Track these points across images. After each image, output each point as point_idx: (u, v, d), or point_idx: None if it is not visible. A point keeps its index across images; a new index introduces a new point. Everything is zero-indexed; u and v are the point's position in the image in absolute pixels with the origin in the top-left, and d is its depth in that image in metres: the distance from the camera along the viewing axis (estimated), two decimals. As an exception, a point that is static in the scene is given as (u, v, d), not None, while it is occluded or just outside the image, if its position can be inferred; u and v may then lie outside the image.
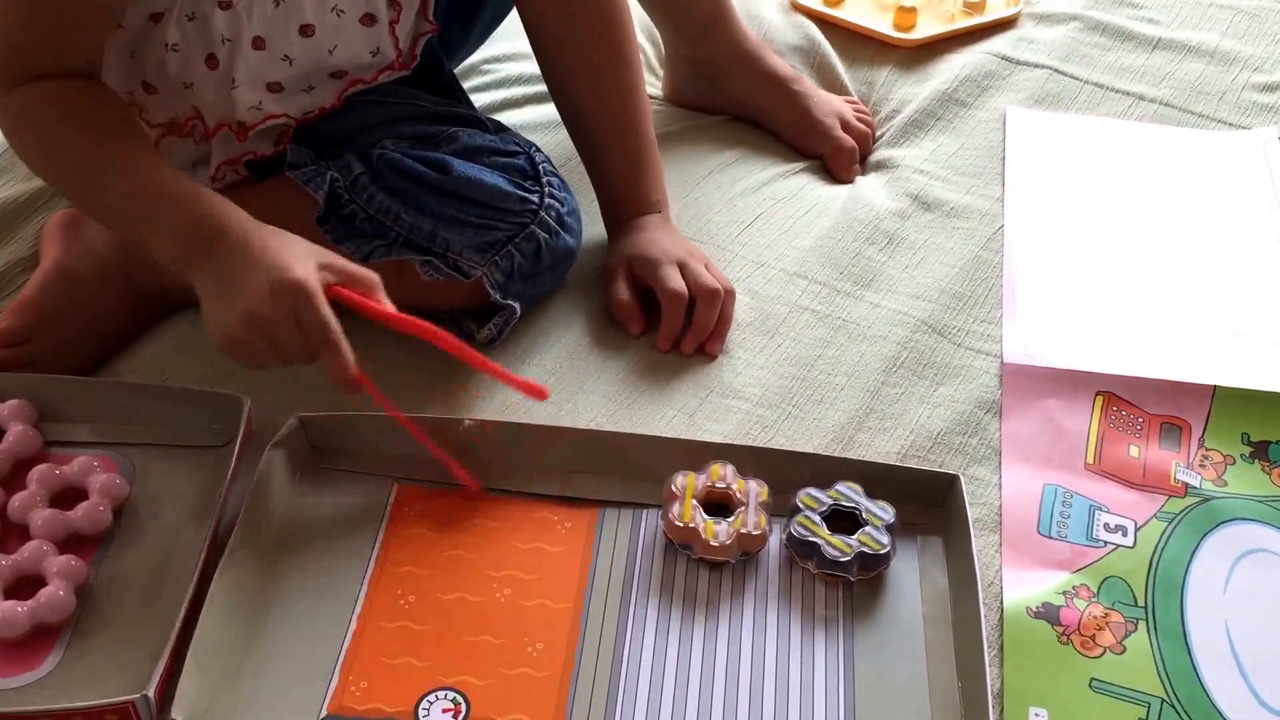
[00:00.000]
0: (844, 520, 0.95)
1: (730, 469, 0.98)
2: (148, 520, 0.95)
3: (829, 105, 1.36)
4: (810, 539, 0.94)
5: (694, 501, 0.95)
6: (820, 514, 0.95)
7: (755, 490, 0.97)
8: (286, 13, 1.04)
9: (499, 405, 1.06)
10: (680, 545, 0.95)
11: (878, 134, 1.40)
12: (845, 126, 1.35)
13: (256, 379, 1.04)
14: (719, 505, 0.96)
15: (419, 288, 1.06)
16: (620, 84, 1.16)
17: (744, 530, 0.94)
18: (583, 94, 1.17)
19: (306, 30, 1.05)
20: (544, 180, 1.10)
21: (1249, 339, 1.15)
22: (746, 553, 0.95)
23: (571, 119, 1.19)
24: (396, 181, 1.06)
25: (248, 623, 0.89)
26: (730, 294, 1.13)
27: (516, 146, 1.12)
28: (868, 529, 0.94)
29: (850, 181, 1.33)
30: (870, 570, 0.94)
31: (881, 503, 0.96)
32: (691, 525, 0.93)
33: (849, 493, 0.97)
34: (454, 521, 0.97)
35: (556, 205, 1.10)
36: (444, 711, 0.85)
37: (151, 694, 0.81)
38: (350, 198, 1.06)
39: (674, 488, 0.96)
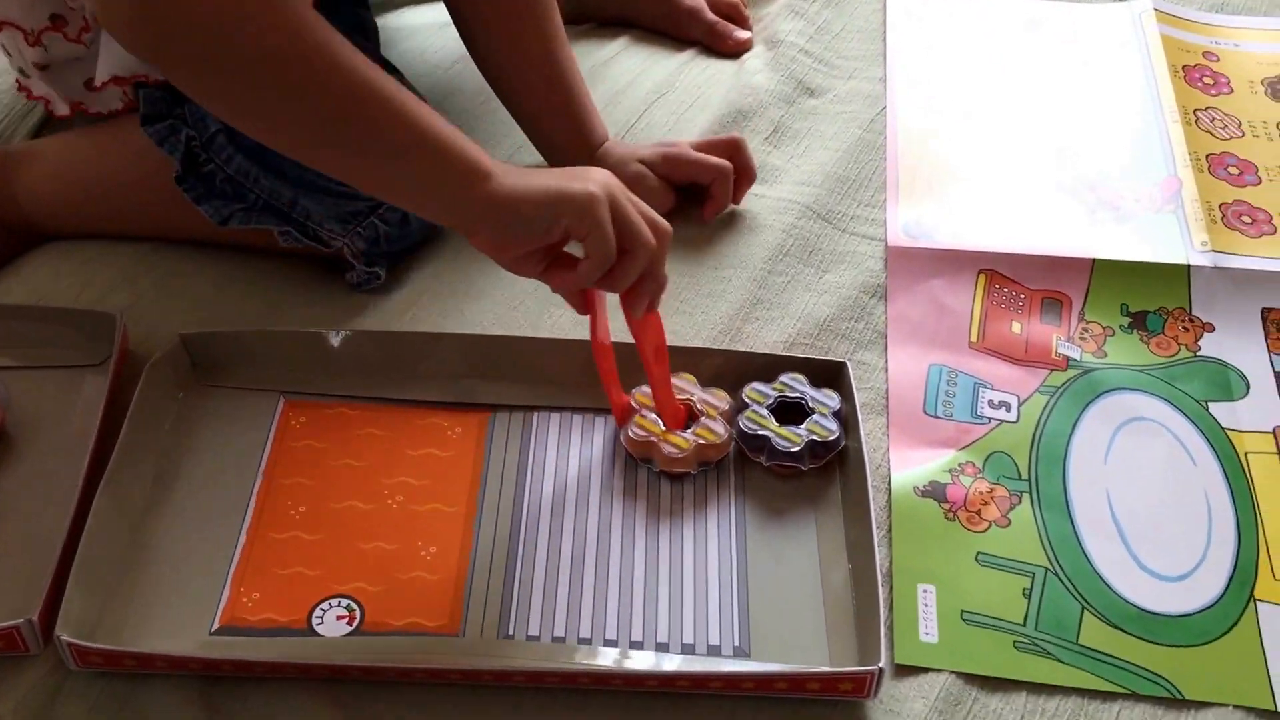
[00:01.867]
0: (791, 411, 0.96)
1: (684, 379, 0.98)
2: (24, 444, 0.93)
3: None
4: (760, 432, 0.94)
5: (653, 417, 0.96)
6: (768, 407, 0.96)
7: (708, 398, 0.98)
8: None
9: (382, 315, 1.05)
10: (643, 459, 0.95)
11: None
12: (714, 7, 1.36)
13: (129, 300, 1.02)
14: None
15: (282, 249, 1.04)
16: (545, 34, 1.12)
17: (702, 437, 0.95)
18: (513, 53, 1.12)
19: None
20: None
21: (1126, 211, 1.16)
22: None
23: (506, 78, 1.14)
24: (253, 142, 0.98)
25: (134, 541, 0.88)
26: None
27: None
28: (815, 417, 0.95)
29: (734, 53, 1.34)
30: (821, 458, 0.94)
31: (827, 390, 0.97)
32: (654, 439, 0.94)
33: (793, 383, 0.97)
34: (342, 431, 0.96)
35: None
36: (338, 619, 0.84)
37: (35, 617, 0.80)
38: (208, 156, 1.01)
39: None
